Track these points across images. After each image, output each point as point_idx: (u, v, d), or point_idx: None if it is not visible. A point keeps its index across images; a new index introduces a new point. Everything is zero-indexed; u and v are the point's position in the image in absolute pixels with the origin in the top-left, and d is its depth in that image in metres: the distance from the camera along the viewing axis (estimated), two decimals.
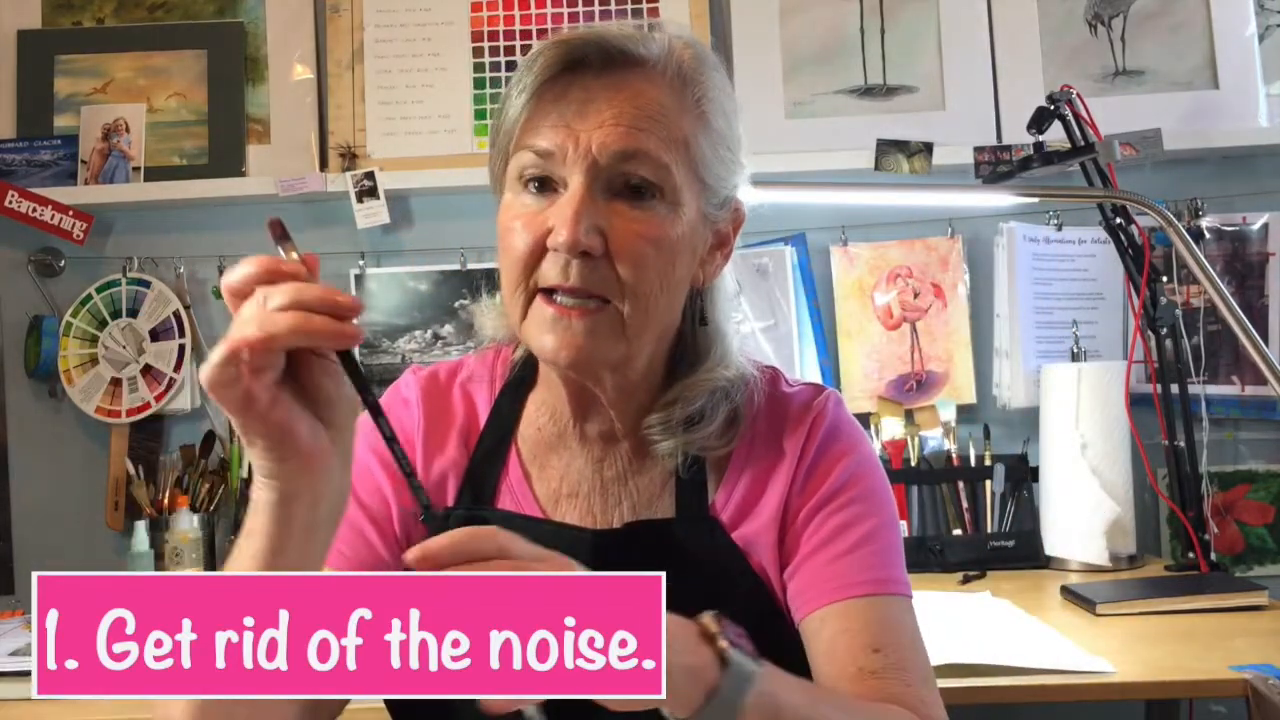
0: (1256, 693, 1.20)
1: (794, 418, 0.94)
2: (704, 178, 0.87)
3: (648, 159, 0.83)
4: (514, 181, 0.86)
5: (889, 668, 0.83)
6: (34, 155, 2.08)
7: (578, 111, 0.83)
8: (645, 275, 0.84)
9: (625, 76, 0.84)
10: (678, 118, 0.85)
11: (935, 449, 1.99)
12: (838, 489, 0.91)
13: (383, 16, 2.11)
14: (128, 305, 2.06)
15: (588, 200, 0.82)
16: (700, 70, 0.88)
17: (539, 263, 0.84)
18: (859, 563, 0.88)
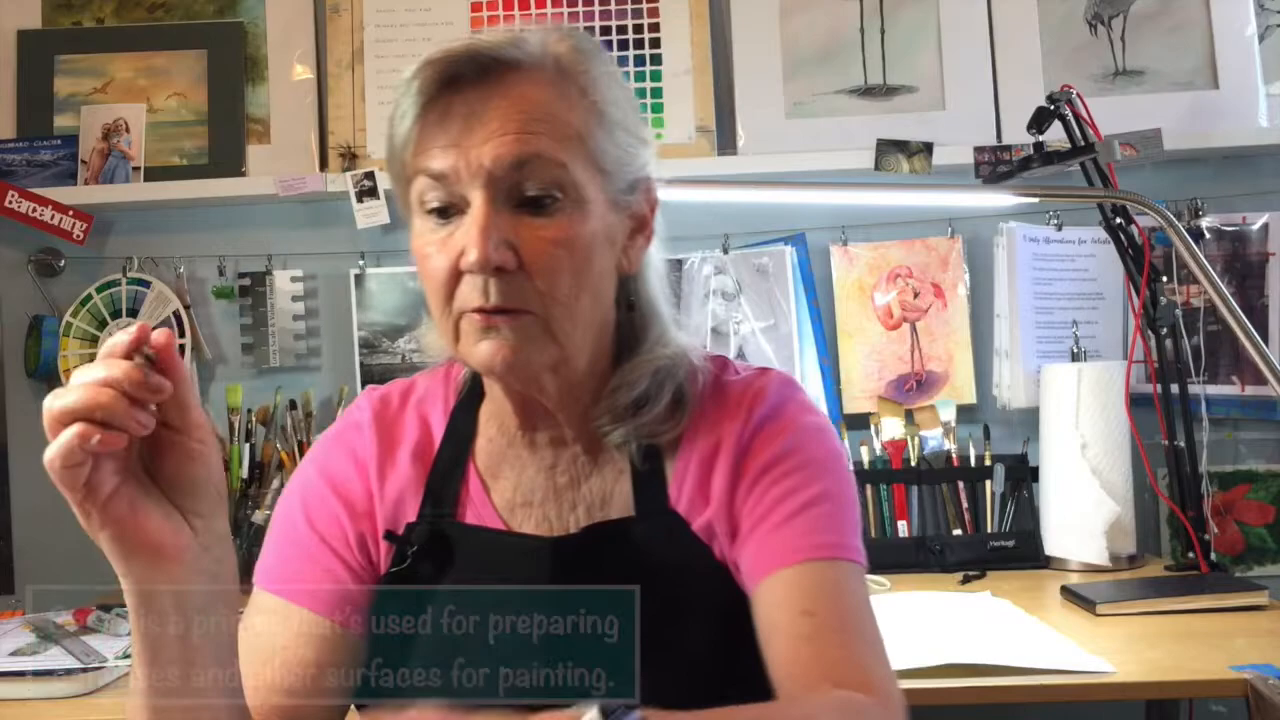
0: (1256, 693, 1.20)
1: (733, 402, 0.92)
2: (605, 167, 0.86)
3: (543, 161, 0.82)
4: (417, 207, 0.85)
5: (822, 630, 0.80)
6: (34, 155, 2.08)
7: (464, 128, 0.82)
8: (561, 280, 0.83)
9: (505, 83, 0.83)
10: (566, 113, 0.84)
11: (935, 449, 1.99)
12: (774, 460, 0.89)
13: (383, 16, 2.11)
14: (128, 305, 2.06)
15: (492, 215, 0.81)
16: (580, 61, 0.87)
17: (458, 286, 0.83)
18: (797, 529, 0.85)
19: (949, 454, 1.97)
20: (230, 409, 2.01)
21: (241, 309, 2.09)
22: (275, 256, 2.09)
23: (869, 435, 1.99)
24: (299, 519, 0.94)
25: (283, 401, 2.04)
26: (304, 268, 2.09)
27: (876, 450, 1.98)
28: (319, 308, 2.11)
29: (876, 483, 1.94)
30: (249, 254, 2.09)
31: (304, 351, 2.09)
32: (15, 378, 2.10)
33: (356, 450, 0.96)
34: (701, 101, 2.06)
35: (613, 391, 0.90)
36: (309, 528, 0.93)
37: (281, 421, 2.03)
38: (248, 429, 2.02)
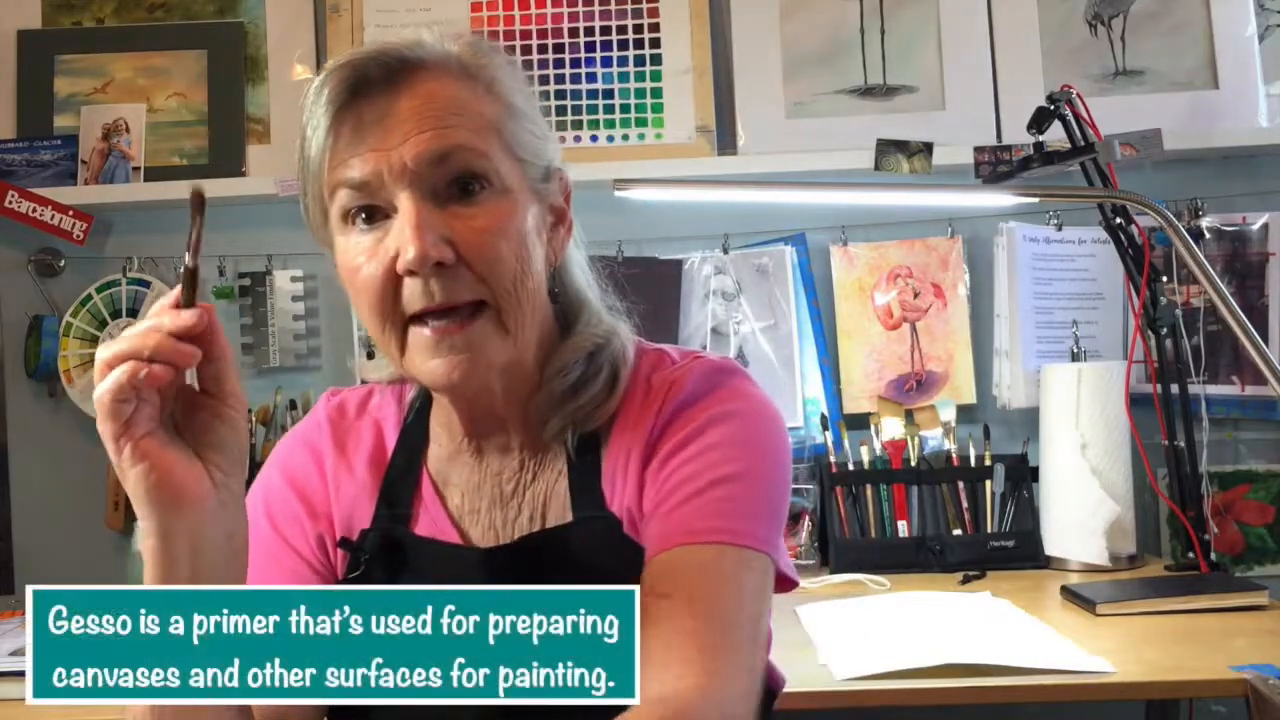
0: (1256, 693, 1.20)
1: (656, 393, 0.89)
2: (522, 156, 0.86)
3: (465, 151, 0.82)
4: (339, 223, 0.84)
5: (668, 613, 0.75)
6: (34, 155, 2.08)
7: (379, 132, 0.81)
8: (504, 267, 0.82)
9: (412, 82, 0.83)
10: (476, 106, 0.84)
11: (935, 449, 1.98)
12: (680, 445, 0.85)
13: (383, 16, 2.11)
14: (128, 305, 2.06)
15: (423, 212, 0.80)
16: (479, 57, 0.87)
17: (397, 292, 0.82)
18: (688, 513, 0.81)
19: (949, 454, 1.97)
20: None
21: (241, 309, 2.09)
22: (275, 256, 2.09)
23: (869, 435, 1.99)
24: (261, 519, 0.94)
25: (283, 401, 2.04)
26: (304, 268, 2.09)
27: (876, 450, 1.98)
28: (319, 308, 2.11)
29: (876, 483, 1.94)
30: (249, 254, 2.09)
31: (304, 351, 2.09)
32: (15, 378, 2.10)
33: (317, 450, 0.96)
34: (701, 101, 2.06)
35: (550, 379, 0.89)
36: (271, 527, 0.93)
37: (281, 421, 2.03)
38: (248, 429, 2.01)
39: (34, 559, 2.06)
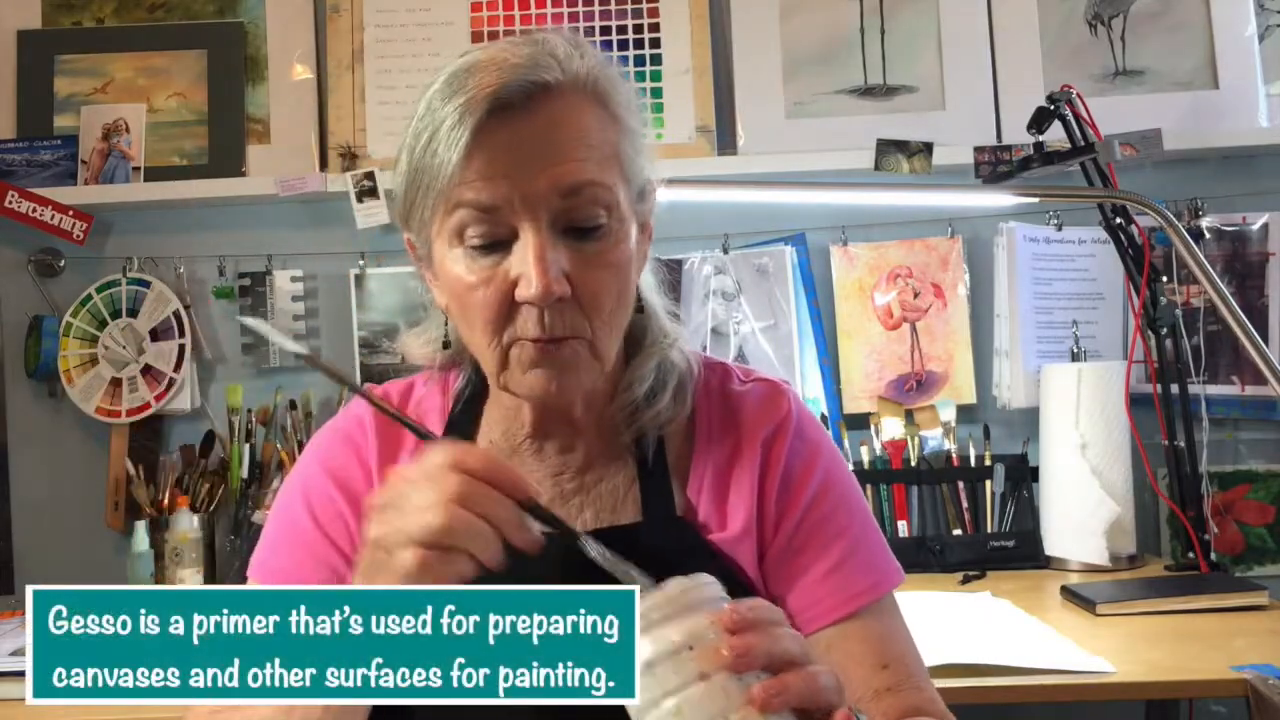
0: (1256, 693, 1.20)
1: (753, 418, 0.93)
2: (630, 177, 0.87)
3: (593, 187, 0.82)
4: (452, 236, 0.84)
5: (901, 682, 0.86)
6: (34, 155, 2.08)
7: (513, 159, 0.80)
8: (608, 303, 0.83)
9: (547, 108, 0.82)
10: (603, 133, 0.84)
11: (935, 449, 1.99)
12: (815, 497, 0.91)
13: (383, 16, 2.11)
14: (128, 305, 2.06)
15: (548, 246, 0.80)
16: (604, 75, 0.86)
17: (511, 317, 0.82)
18: (849, 576, 0.89)
19: (949, 454, 1.97)
20: (230, 409, 2.01)
21: (241, 309, 2.09)
22: (275, 256, 2.09)
23: (869, 435, 1.99)
24: (300, 512, 0.93)
25: (283, 401, 2.04)
26: (304, 268, 2.09)
27: (876, 450, 1.98)
28: (319, 308, 2.11)
29: (876, 483, 1.94)
30: (249, 254, 2.09)
31: None
32: (15, 378, 2.10)
33: (359, 447, 0.95)
34: (701, 101, 2.06)
35: (627, 388, 0.91)
36: (311, 521, 0.93)
37: (281, 421, 2.03)
38: (248, 429, 2.02)
39: (34, 559, 2.06)
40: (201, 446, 2.03)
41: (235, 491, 1.99)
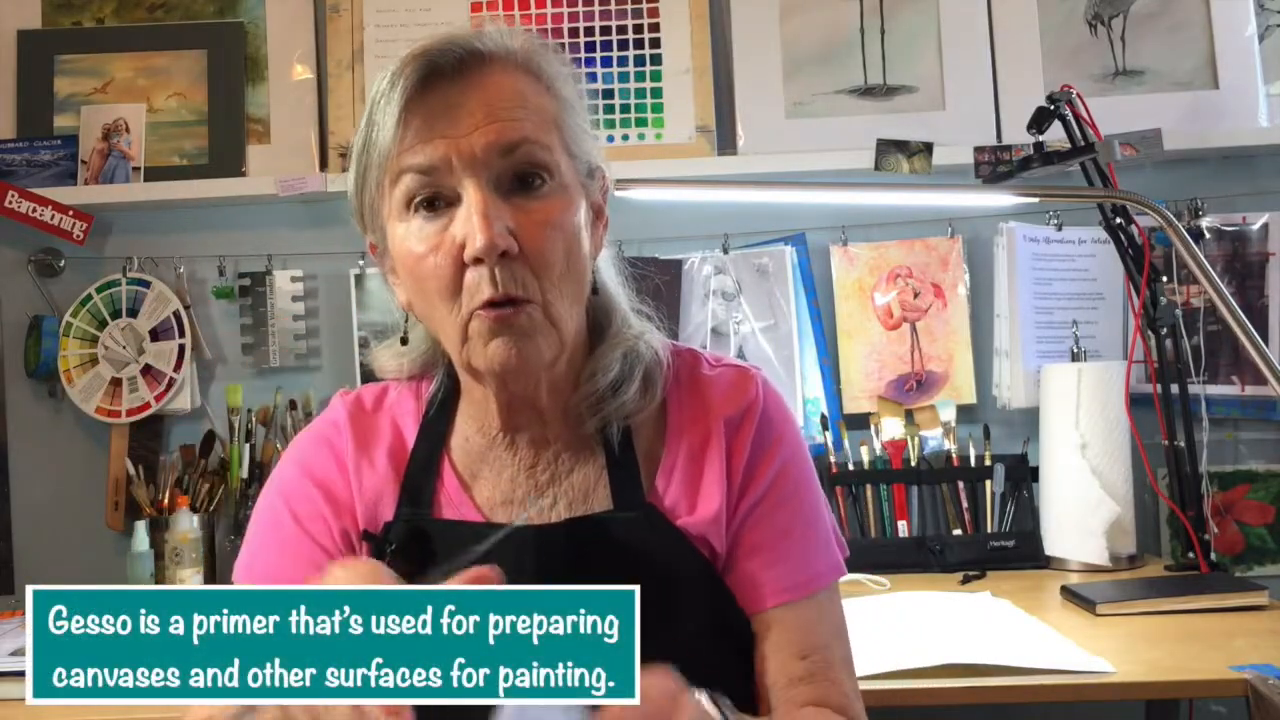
0: (1256, 693, 1.20)
1: (721, 403, 0.94)
2: (575, 151, 0.89)
3: (530, 144, 0.84)
4: (401, 209, 0.85)
5: (815, 674, 0.88)
6: (34, 155, 2.08)
7: (449, 120, 0.83)
8: (556, 263, 0.84)
9: (481, 73, 0.85)
10: (539, 100, 0.86)
11: (935, 449, 1.99)
12: (771, 485, 0.92)
13: (383, 16, 2.11)
14: (128, 305, 2.06)
15: (490, 200, 0.82)
16: (539, 52, 0.89)
17: (463, 282, 0.83)
18: (788, 568, 0.91)
19: (949, 454, 1.97)
20: (230, 409, 2.01)
21: (241, 309, 2.09)
22: (275, 256, 2.09)
23: (869, 435, 1.99)
24: (283, 515, 0.94)
25: (283, 401, 2.04)
26: (304, 268, 2.10)
27: (876, 450, 1.98)
28: (319, 308, 2.11)
29: (876, 483, 1.94)
30: (249, 254, 2.09)
31: (304, 351, 2.09)
32: (15, 378, 2.10)
33: (336, 448, 0.96)
34: (701, 101, 2.06)
35: (590, 377, 0.92)
36: (294, 523, 0.93)
37: (281, 421, 2.03)
38: (248, 429, 2.02)
39: (34, 559, 2.06)
40: (201, 446, 2.03)
41: (235, 491, 1.99)
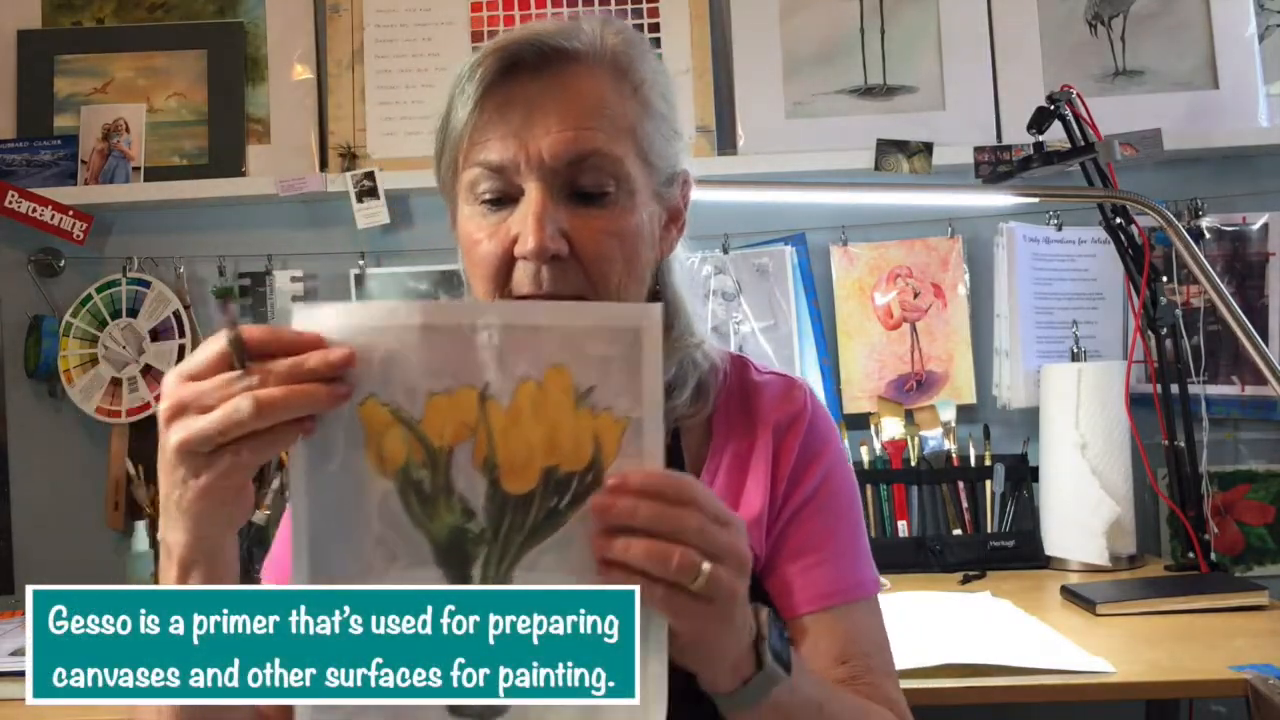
0: (1256, 693, 1.20)
1: (770, 409, 0.94)
2: (652, 161, 0.87)
3: (600, 156, 0.83)
4: (467, 194, 0.86)
5: (856, 676, 0.88)
6: (34, 155, 2.08)
7: (524, 119, 0.82)
8: (612, 270, 0.84)
9: (563, 74, 0.84)
10: (620, 107, 0.85)
11: (935, 449, 1.99)
12: (816, 492, 0.93)
13: (383, 16, 2.11)
14: (128, 305, 2.06)
15: (548, 205, 0.82)
16: (632, 54, 0.87)
17: (509, 273, 0.84)
18: (829, 574, 0.91)
19: (949, 454, 1.97)
20: None
21: (241, 309, 2.09)
22: (275, 256, 2.09)
23: (869, 435, 1.99)
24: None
25: None
26: (304, 268, 2.09)
27: (876, 450, 1.98)
28: None
29: (876, 483, 1.94)
30: (249, 254, 2.09)
31: None
32: (15, 378, 2.10)
33: None
34: (701, 101, 2.06)
35: None
36: None
37: None
38: None
39: (34, 559, 2.06)
40: None
41: None
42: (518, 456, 0.67)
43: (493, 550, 0.68)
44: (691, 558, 0.65)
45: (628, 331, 0.68)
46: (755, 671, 0.72)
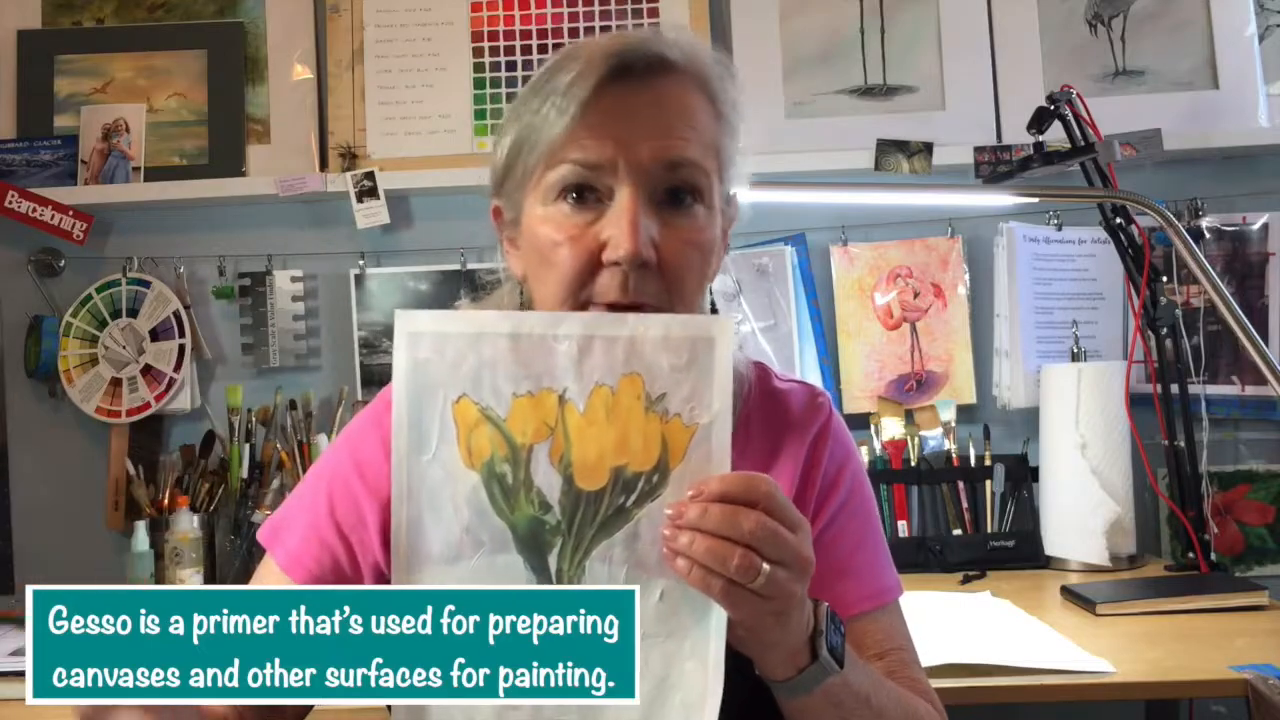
0: (1256, 693, 1.20)
1: (796, 419, 0.95)
2: (725, 177, 0.89)
3: (692, 166, 0.84)
4: (548, 193, 0.86)
5: (894, 670, 0.90)
6: (34, 155, 2.08)
7: (625, 123, 0.83)
8: (690, 279, 0.85)
9: (662, 83, 0.85)
10: (708, 122, 0.87)
11: (935, 449, 1.99)
12: (844, 502, 0.94)
13: (383, 16, 2.11)
14: (128, 305, 2.06)
15: (642, 211, 0.83)
16: (720, 72, 0.89)
17: (591, 277, 0.84)
18: (861, 581, 0.93)
19: (949, 454, 1.97)
20: (230, 409, 2.01)
21: (241, 309, 2.09)
22: (275, 256, 2.09)
23: (869, 435, 1.99)
24: (320, 496, 0.94)
25: (283, 401, 2.04)
26: (304, 268, 2.09)
27: (876, 450, 1.98)
28: (319, 308, 2.11)
29: (876, 483, 1.94)
30: (249, 254, 2.09)
31: (304, 351, 2.09)
32: (15, 378, 2.10)
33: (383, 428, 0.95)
34: None
35: None
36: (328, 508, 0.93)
37: (281, 421, 2.03)
38: (248, 429, 2.02)
39: (34, 559, 2.06)
40: (201, 446, 2.03)
41: (235, 491, 1.99)
42: (590, 456, 0.73)
43: (568, 541, 0.74)
44: (751, 560, 0.69)
45: (702, 341, 0.75)
46: (810, 663, 0.76)
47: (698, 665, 0.72)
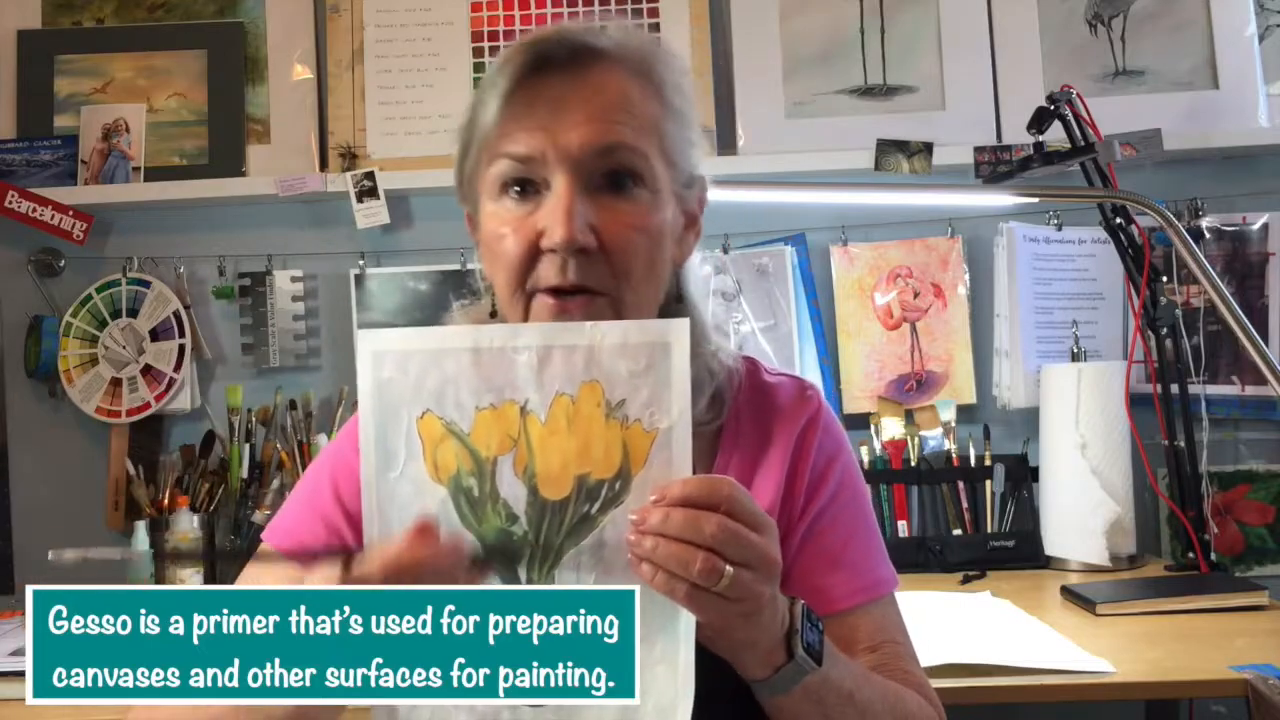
0: (1256, 693, 1.20)
1: (785, 411, 0.95)
2: (674, 160, 0.89)
3: (627, 150, 0.84)
4: (493, 188, 0.87)
5: (886, 663, 0.90)
6: (34, 155, 2.08)
7: (551, 112, 0.84)
8: (637, 264, 0.85)
9: (590, 71, 0.85)
10: (644, 105, 0.86)
11: (935, 449, 1.99)
12: (835, 493, 0.94)
13: (383, 16, 2.11)
14: (128, 305, 2.06)
15: (575, 197, 0.83)
16: (654, 55, 0.89)
17: (534, 266, 0.84)
18: (854, 573, 0.93)
19: (949, 454, 1.97)
20: (230, 409, 2.01)
21: (241, 309, 2.09)
22: (275, 256, 2.09)
23: (869, 435, 1.99)
24: (325, 484, 0.94)
25: (283, 401, 2.04)
26: (304, 268, 2.09)
27: (876, 450, 1.98)
28: (319, 308, 2.11)
29: (876, 483, 1.94)
30: (249, 254, 2.09)
31: (304, 351, 2.09)
32: (15, 378, 2.10)
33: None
34: (701, 101, 2.06)
35: None
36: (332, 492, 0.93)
37: (281, 421, 2.03)
38: (248, 429, 2.02)
39: (34, 559, 2.06)
40: (201, 446, 2.03)
41: (235, 491, 1.99)
42: (553, 466, 0.74)
43: (536, 551, 0.74)
44: (714, 563, 0.68)
45: (658, 346, 0.74)
46: (786, 661, 0.76)
47: (668, 669, 0.72)
